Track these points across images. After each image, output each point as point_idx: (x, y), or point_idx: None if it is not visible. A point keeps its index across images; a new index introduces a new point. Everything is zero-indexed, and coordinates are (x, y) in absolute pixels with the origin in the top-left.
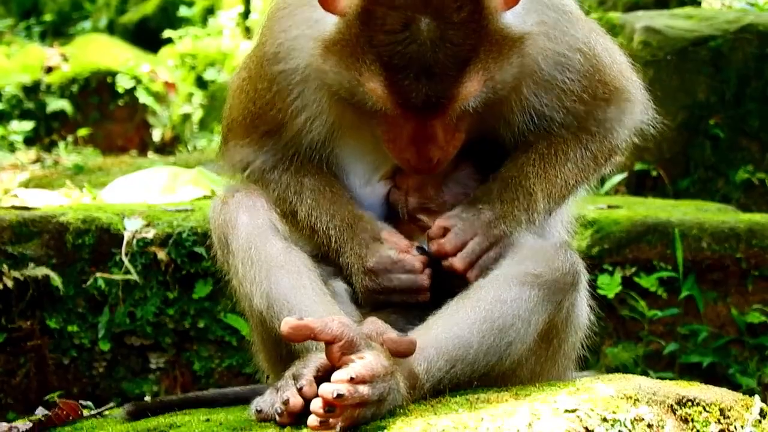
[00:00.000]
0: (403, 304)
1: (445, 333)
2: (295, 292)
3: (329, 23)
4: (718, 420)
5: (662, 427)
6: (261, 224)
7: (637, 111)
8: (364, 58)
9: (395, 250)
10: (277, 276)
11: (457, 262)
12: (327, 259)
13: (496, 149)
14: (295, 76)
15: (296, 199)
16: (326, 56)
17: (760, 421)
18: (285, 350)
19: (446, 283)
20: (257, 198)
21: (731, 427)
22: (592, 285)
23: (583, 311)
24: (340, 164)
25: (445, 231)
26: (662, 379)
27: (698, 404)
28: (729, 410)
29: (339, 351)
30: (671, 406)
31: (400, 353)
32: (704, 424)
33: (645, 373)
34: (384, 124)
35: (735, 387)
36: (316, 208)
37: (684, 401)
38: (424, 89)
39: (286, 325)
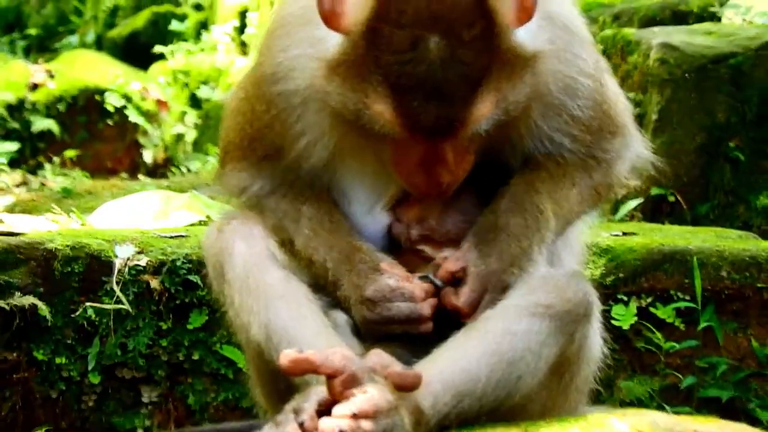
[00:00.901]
0: (406, 335)
1: (452, 366)
2: (294, 323)
3: (333, 42)
4: None
5: None
6: (258, 252)
7: (637, 147)
8: (371, 79)
9: (394, 279)
10: (276, 306)
11: (467, 318)
12: (327, 289)
13: (498, 175)
14: (295, 98)
15: (293, 228)
16: (330, 77)
17: None
18: (284, 384)
19: (452, 314)
20: (254, 225)
21: None
22: (606, 316)
23: (595, 343)
24: (342, 190)
25: (452, 276)
26: (679, 414)
27: None
28: None
29: (341, 385)
30: None
31: (405, 387)
32: None
33: (661, 408)
34: (392, 147)
35: (755, 422)
36: (314, 239)
37: None
38: (434, 111)
39: (285, 357)
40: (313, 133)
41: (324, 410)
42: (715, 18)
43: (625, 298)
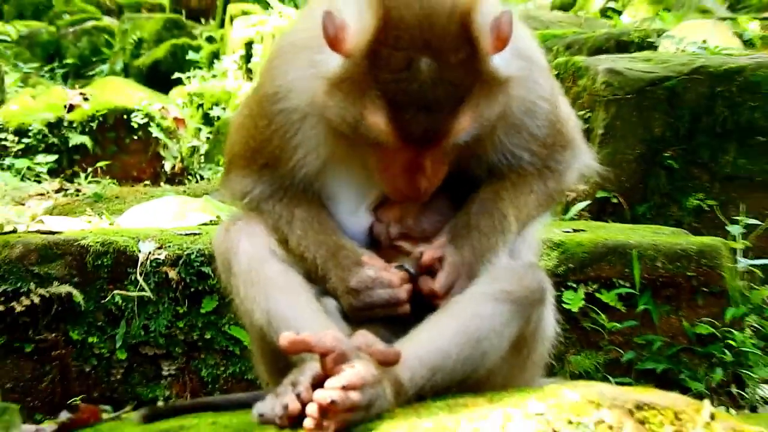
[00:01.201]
0: (388, 318)
1: (427, 345)
2: (292, 310)
3: (334, 63)
4: (672, 422)
5: (621, 429)
6: (260, 249)
7: (584, 158)
8: (369, 93)
9: (374, 270)
10: (276, 296)
11: (441, 301)
12: (318, 282)
13: (467, 182)
14: (294, 115)
15: (287, 229)
16: (332, 93)
17: (709, 424)
18: (282, 362)
19: (425, 299)
20: (257, 225)
21: (683, 429)
22: (559, 300)
23: (549, 324)
24: (331, 194)
25: (429, 265)
26: (620, 384)
27: (654, 408)
28: (681, 413)
29: (332, 362)
30: (630, 410)
31: (387, 363)
32: (659, 425)
33: (605, 379)
34: (379, 155)
35: (685, 390)
36: (304, 239)
37: (641, 405)
38: (424, 122)
39: (284, 339)
40: (308, 145)
41: (317, 383)
42: (652, 47)
43: (575, 285)
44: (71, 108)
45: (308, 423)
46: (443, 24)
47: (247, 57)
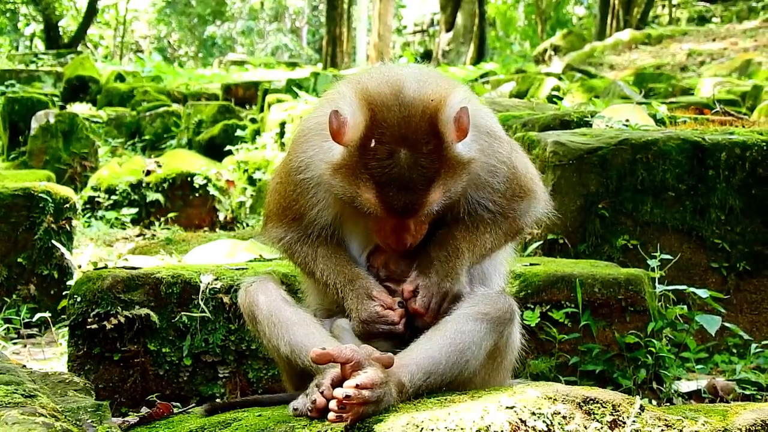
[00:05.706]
0: (390, 335)
1: (423, 354)
2: (307, 337)
3: (337, 151)
4: (611, 413)
5: (573, 418)
6: (274, 299)
7: (540, 206)
8: (361, 177)
9: (381, 307)
10: (293, 330)
11: (428, 318)
12: (337, 302)
13: (441, 226)
14: (311, 182)
15: (313, 264)
16: (334, 175)
17: (639, 413)
18: (307, 380)
19: (417, 322)
20: (268, 283)
21: (620, 418)
22: (521, 318)
23: (517, 338)
24: (342, 240)
25: (413, 293)
26: (568, 382)
27: (597, 402)
28: (618, 406)
29: (350, 369)
30: (579, 403)
31: (384, 365)
32: (601, 415)
33: (557, 378)
34: (373, 220)
35: (617, 387)
36: (326, 270)
37: (588, 400)
38: (403, 199)
39: (314, 353)
40: (322, 205)
41: (336, 384)
42: (588, 124)
43: (532, 306)
44: (148, 173)
45: (331, 415)
46: (416, 123)
47: (281, 133)
